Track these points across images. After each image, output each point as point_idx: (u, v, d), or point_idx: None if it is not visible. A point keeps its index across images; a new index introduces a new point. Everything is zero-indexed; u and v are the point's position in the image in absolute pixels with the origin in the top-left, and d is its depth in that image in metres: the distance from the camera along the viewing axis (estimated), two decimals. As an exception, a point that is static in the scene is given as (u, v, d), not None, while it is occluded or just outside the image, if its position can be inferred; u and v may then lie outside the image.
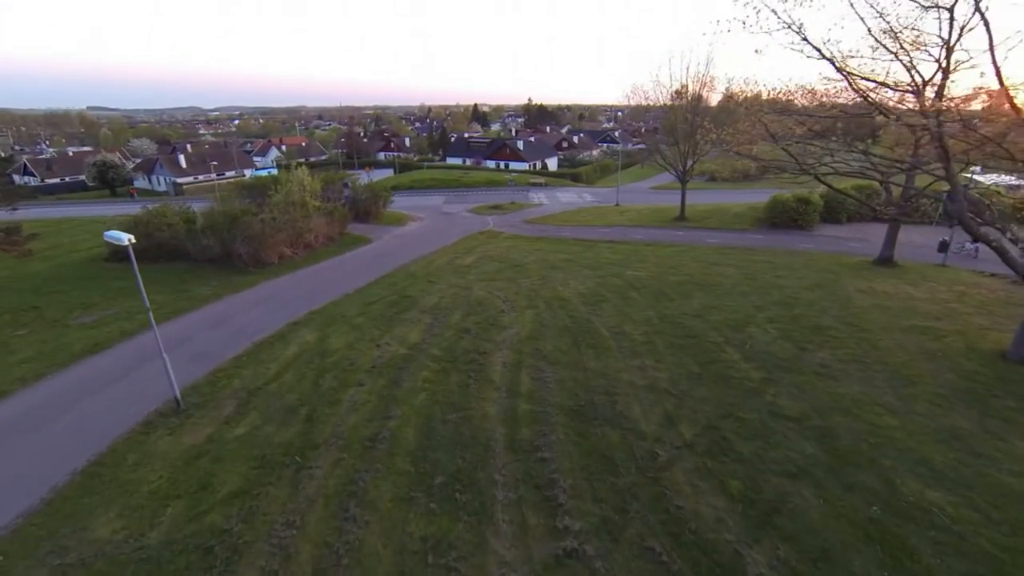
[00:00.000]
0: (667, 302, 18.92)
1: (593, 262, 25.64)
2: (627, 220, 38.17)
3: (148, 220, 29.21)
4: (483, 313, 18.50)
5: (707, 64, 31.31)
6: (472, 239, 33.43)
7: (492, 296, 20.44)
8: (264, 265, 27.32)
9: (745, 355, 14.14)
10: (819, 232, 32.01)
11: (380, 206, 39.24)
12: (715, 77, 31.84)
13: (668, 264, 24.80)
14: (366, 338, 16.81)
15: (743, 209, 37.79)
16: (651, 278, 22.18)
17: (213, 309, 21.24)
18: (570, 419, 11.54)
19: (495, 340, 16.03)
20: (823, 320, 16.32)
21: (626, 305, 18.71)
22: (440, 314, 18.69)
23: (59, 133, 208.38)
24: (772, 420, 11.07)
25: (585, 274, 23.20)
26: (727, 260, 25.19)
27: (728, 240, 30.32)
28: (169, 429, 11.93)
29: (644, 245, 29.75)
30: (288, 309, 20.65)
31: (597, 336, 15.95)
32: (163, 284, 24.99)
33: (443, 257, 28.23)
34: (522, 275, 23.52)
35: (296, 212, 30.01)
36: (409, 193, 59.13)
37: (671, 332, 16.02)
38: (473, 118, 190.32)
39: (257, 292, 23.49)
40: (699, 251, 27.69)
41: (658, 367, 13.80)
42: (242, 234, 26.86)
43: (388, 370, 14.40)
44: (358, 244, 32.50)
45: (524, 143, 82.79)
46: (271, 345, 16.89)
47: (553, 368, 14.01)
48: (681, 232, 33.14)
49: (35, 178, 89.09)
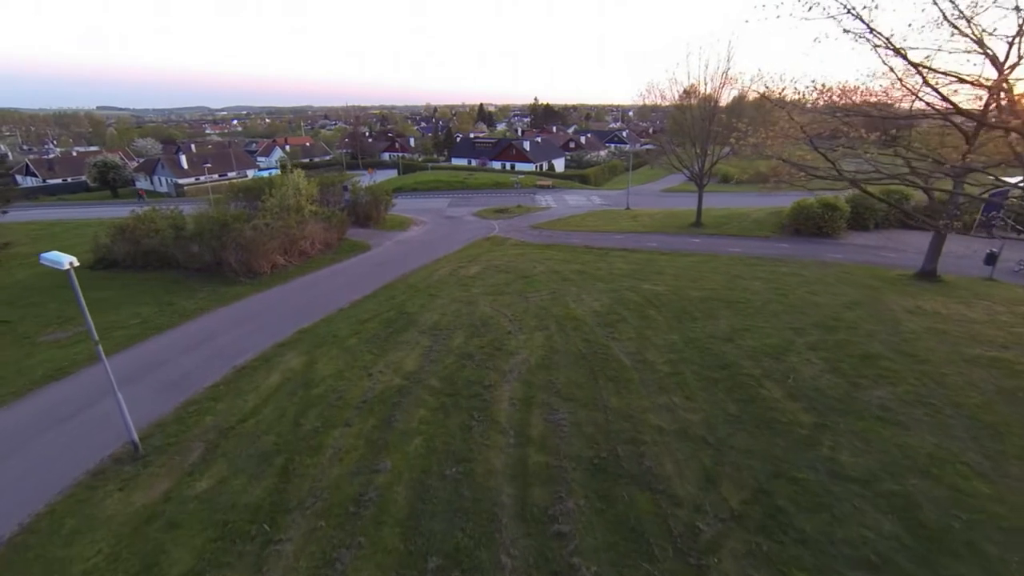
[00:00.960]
0: (691, 323, 17.06)
1: (606, 274, 23.80)
2: (640, 226, 36.27)
3: (135, 226, 27.68)
4: (488, 335, 16.73)
5: (728, 60, 29.18)
6: (477, 246, 31.69)
7: (498, 314, 18.67)
8: (256, 275, 25.72)
9: (789, 392, 12.27)
10: (847, 240, 29.99)
11: (381, 210, 37.61)
12: (736, 74, 29.91)
13: (688, 277, 22.91)
14: (357, 364, 15.08)
15: (763, 215, 35.79)
16: (671, 293, 20.31)
17: (197, 326, 19.60)
18: (590, 476, 9.74)
19: (502, 369, 14.25)
20: (872, 347, 14.41)
21: (646, 326, 16.87)
22: (441, 335, 16.94)
23: (67, 133, 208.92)
24: (834, 482, 9.22)
25: (599, 288, 21.37)
26: (752, 272, 23.26)
27: (751, 249, 28.38)
28: (121, 482, 10.24)
29: (660, 254, 27.87)
30: (276, 327, 18.98)
31: (616, 365, 14.13)
32: (148, 296, 23.45)
33: (446, 267, 26.50)
34: (531, 288, 21.73)
35: (291, 218, 28.39)
36: (412, 195, 57.55)
37: (699, 361, 14.17)
38: (479, 118, 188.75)
39: (246, 306, 21.85)
40: (720, 261, 25.77)
41: (689, 406, 11.97)
42: (232, 242, 25.25)
43: (380, 406, 12.66)
44: (357, 251, 30.83)
45: (531, 144, 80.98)
46: (253, 372, 15.19)
47: (568, 406, 12.21)
48: (698, 240, 31.22)
49: (37, 178, 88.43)
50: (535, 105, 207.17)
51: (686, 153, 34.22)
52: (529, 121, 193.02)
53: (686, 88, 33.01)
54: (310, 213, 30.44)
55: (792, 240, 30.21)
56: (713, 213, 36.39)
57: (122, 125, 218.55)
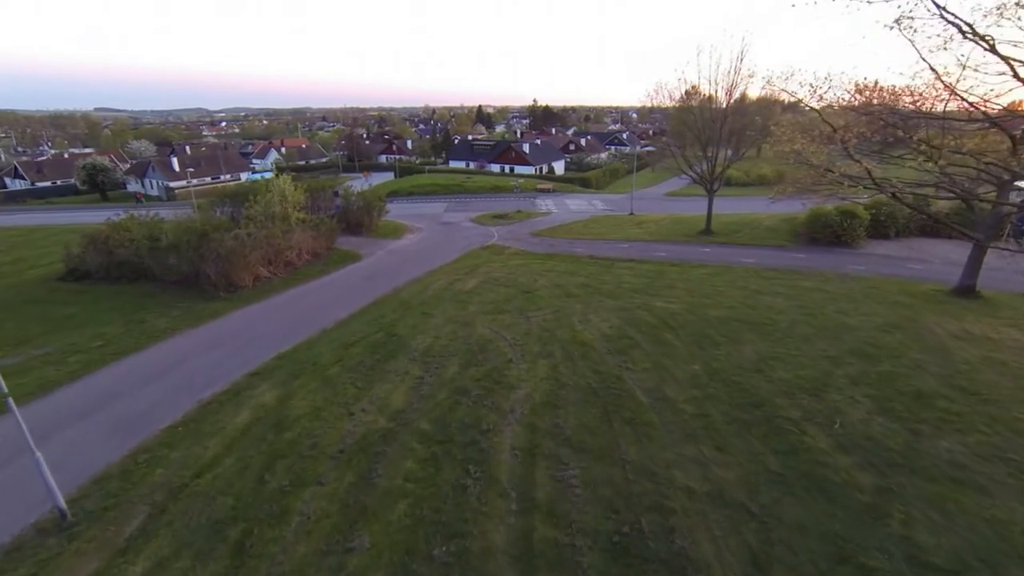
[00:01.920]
0: (713, 349, 15.28)
1: (614, 288, 22.03)
2: (646, 233, 34.51)
3: (108, 235, 25.85)
4: (486, 363, 14.94)
5: (740, 58, 27.50)
6: (474, 256, 29.91)
7: (497, 337, 16.88)
8: (237, 288, 23.91)
9: (838, 441, 10.50)
10: (867, 249, 28.28)
11: (374, 217, 35.82)
12: (751, 73, 28.20)
13: (703, 292, 21.16)
14: (338, 400, 13.28)
15: (775, 221, 34.06)
16: (686, 312, 18.55)
17: (165, 349, 17.79)
18: (610, 559, 7.96)
19: (501, 408, 12.46)
20: (925, 382, 12.65)
21: (663, 353, 15.09)
22: (433, 363, 15.14)
23: (63, 135, 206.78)
24: (916, 572, 7.44)
25: (607, 305, 19.59)
26: (772, 287, 21.52)
27: (766, 259, 26.63)
28: (38, 563, 8.43)
29: (670, 265, 26.11)
30: (252, 351, 17.18)
31: (633, 404, 12.35)
32: (117, 312, 21.62)
33: (441, 279, 24.71)
34: (532, 305, 19.95)
35: (276, 227, 26.57)
36: (408, 199, 55.77)
37: (727, 398, 12.39)
38: (477, 120, 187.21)
39: (223, 325, 20.03)
40: (735, 274, 24.02)
41: (722, 460, 10.19)
42: (211, 253, 23.44)
43: (360, 456, 10.86)
44: (347, 261, 29.03)
45: (530, 146, 79.23)
46: (219, 408, 13.39)
47: (579, 459, 10.43)
48: (709, 249, 29.47)
49: (25, 181, 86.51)
50: (534, 107, 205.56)
51: (695, 156, 32.45)
52: (528, 123, 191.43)
53: (695, 88, 31.31)
54: (297, 221, 28.64)
55: (809, 249, 28.47)
56: (723, 220, 34.62)
57: (118, 127, 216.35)
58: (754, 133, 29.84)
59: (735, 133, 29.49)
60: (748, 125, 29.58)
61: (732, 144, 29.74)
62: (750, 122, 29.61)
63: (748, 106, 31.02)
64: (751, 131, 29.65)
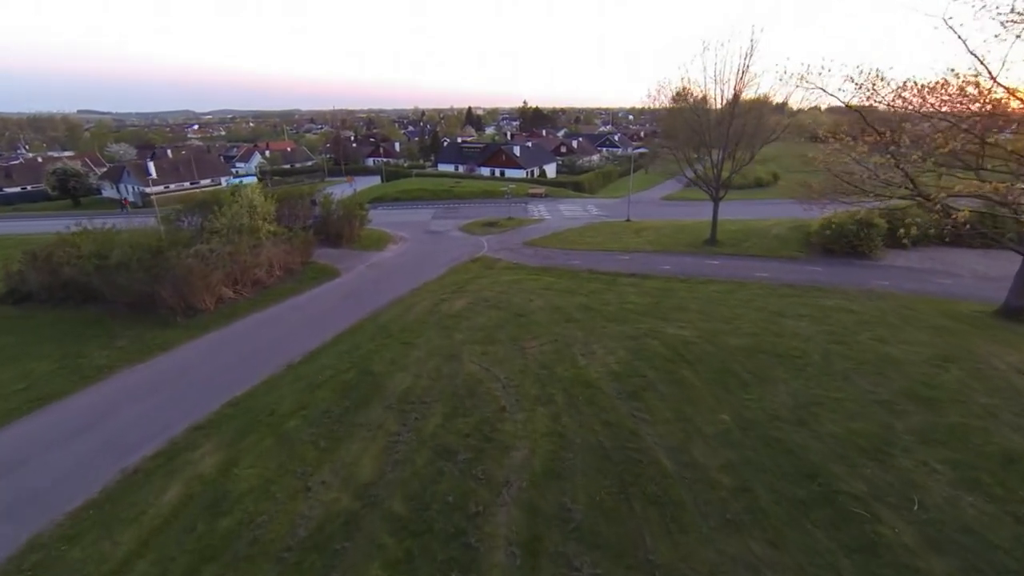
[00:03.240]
0: (741, 391, 13.04)
1: (618, 310, 19.76)
2: (647, 243, 32.33)
3: (51, 252, 23.10)
4: (475, 411, 12.57)
5: (750, 55, 25.43)
6: (463, 270, 27.51)
7: (488, 375, 14.51)
8: (196, 313, 21.32)
9: (925, 536, 8.25)
10: (886, 261, 26.30)
11: (355, 227, 33.29)
12: (761, 71, 26.25)
13: (718, 314, 18.95)
14: (294, 468, 10.83)
15: (784, 230, 32.04)
16: (703, 340, 16.30)
17: (99, 393, 15.21)
18: None
19: (494, 479, 10.10)
20: (1009, 440, 10.47)
21: (683, 397, 12.81)
22: (413, 411, 12.74)
23: (41, 137, 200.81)
24: None
25: (611, 332, 17.30)
26: (793, 307, 19.37)
27: (780, 273, 24.52)
28: None
29: (677, 281, 23.90)
30: (201, 395, 14.68)
31: (655, 472, 10.04)
32: (54, 344, 18.94)
33: (426, 299, 22.28)
34: (527, 333, 17.61)
35: (242, 241, 23.98)
36: (395, 206, 53.30)
37: (771, 464, 10.12)
38: (467, 121, 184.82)
39: (172, 361, 17.46)
40: (750, 291, 21.86)
41: (779, 561, 7.91)
42: (167, 273, 20.83)
43: (313, 557, 8.44)
44: (323, 278, 26.49)
45: (521, 148, 76.99)
46: (145, 480, 10.89)
47: (594, 558, 8.10)
48: (717, 262, 27.33)
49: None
50: (524, 108, 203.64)
51: (696, 160, 30.28)
52: (518, 124, 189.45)
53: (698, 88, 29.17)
54: (268, 234, 26.07)
55: (824, 262, 26.44)
56: (726, 227, 32.54)
57: (100, 129, 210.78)
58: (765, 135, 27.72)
59: (745, 135, 27.40)
60: (761, 126, 27.52)
61: (739, 147, 27.66)
62: (759, 123, 27.54)
63: (752, 106, 28.95)
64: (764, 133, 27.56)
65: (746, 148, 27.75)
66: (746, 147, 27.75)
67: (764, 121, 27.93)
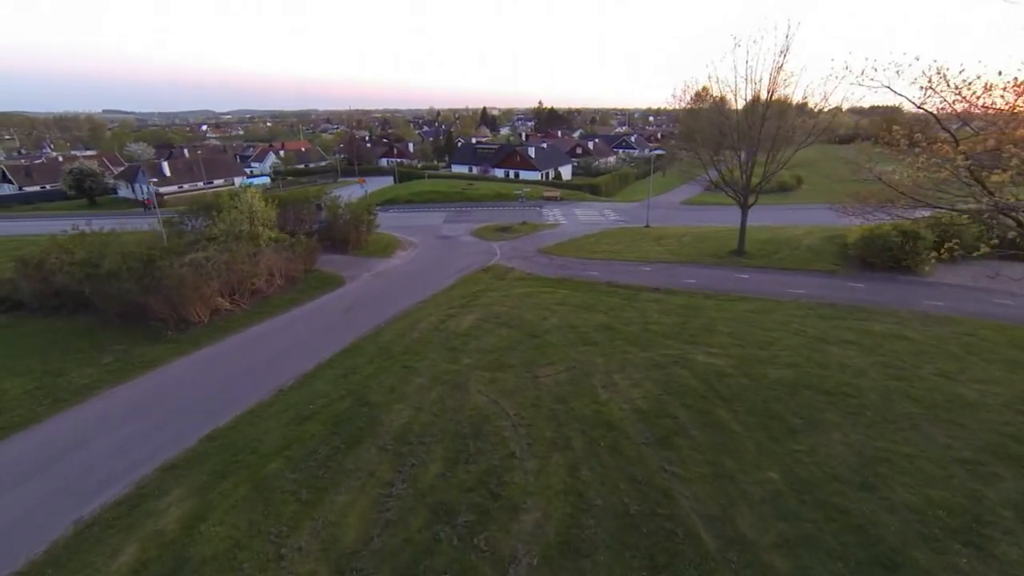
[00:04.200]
0: (788, 439, 11.23)
1: (640, 331, 18.00)
2: (668, 252, 30.42)
3: (41, 260, 22.09)
4: (481, 457, 10.98)
5: (785, 51, 23.43)
6: (473, 280, 25.95)
7: (497, 410, 12.91)
8: (189, 325, 20.09)
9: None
10: (935, 277, 24.05)
11: (362, 232, 31.95)
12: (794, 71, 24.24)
13: (752, 338, 17.09)
14: (268, 528, 9.34)
15: (816, 240, 29.89)
16: (738, 371, 14.49)
17: (71, 420, 13.96)
18: None
19: (500, 551, 8.49)
20: None
21: (721, 446, 11.06)
22: (410, 455, 11.20)
23: (66, 136, 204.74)
24: None
25: (635, 359, 15.56)
26: (837, 332, 17.40)
27: (818, 290, 22.47)
28: None
29: (704, 297, 22.01)
30: (181, 425, 13.34)
31: (694, 552, 8.32)
32: (37, 358, 17.84)
33: (432, 314, 20.76)
34: (541, 357, 15.97)
35: (240, 249, 22.71)
36: (406, 208, 52.07)
37: (836, 545, 8.33)
38: (482, 122, 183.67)
39: (156, 382, 16.19)
40: (786, 311, 19.91)
41: None
42: (159, 284, 19.64)
43: (275, 660, 6.90)
44: (326, 287, 25.15)
45: (536, 150, 75.26)
46: (100, 538, 9.49)
47: None
48: (747, 275, 25.34)
49: (13, 186, 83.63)
50: (539, 109, 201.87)
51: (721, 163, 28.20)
52: (533, 125, 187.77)
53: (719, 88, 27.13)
54: (268, 241, 24.80)
55: (865, 277, 24.28)
56: (754, 236, 30.44)
57: (123, 128, 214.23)
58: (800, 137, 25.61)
59: (780, 137, 25.37)
60: (798, 127, 25.47)
61: (774, 150, 25.61)
62: (794, 124, 25.48)
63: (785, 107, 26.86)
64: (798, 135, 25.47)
65: (782, 150, 25.66)
66: (781, 149, 25.67)
67: (800, 123, 25.87)
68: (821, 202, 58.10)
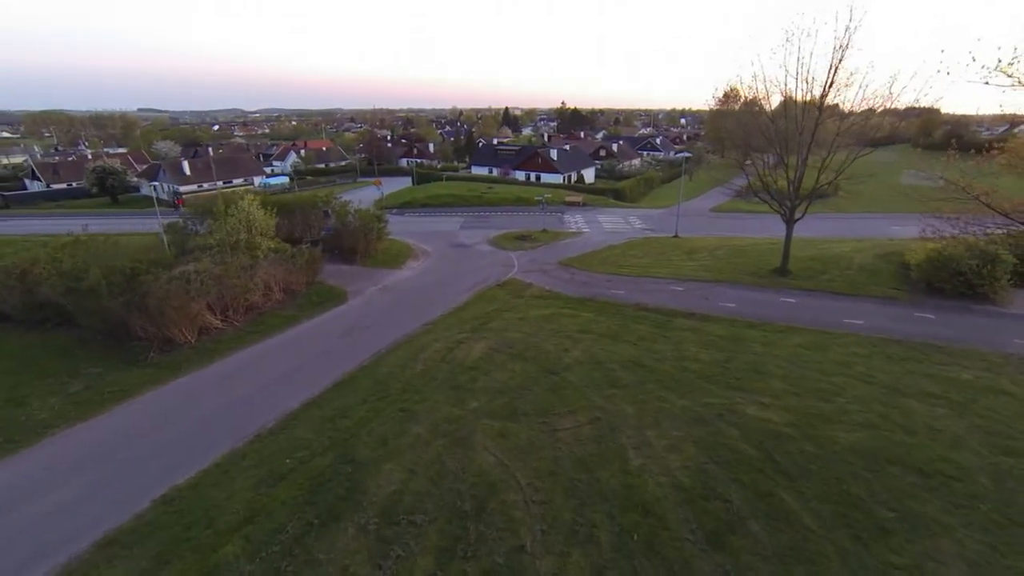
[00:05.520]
0: (880, 543, 8.67)
1: (676, 370, 15.49)
2: (702, 269, 27.65)
3: (24, 270, 20.66)
4: (483, 548, 8.73)
5: (845, 47, 20.52)
6: (488, 298, 23.71)
7: (506, 475, 10.64)
8: (174, 346, 18.36)
9: None
10: (1016, 307, 20.84)
11: (371, 241, 30.02)
12: (858, 68, 21.35)
13: (810, 384, 14.43)
14: (202, 654, 7.24)
15: (868, 258, 26.79)
16: (799, 432, 11.92)
17: (10, 472, 12.17)
18: None
19: None
20: None
21: (790, 551, 8.57)
22: (394, 545, 9.01)
23: (101, 134, 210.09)
24: None
25: (672, 410, 13.10)
26: (914, 379, 14.61)
27: (881, 321, 19.53)
28: None
29: (747, 326, 19.31)
30: (133, 482, 11.45)
31: None
32: (4, 381, 16.27)
33: (439, 340, 18.60)
34: (560, 403, 13.64)
35: (234, 261, 20.92)
36: (422, 211, 50.21)
37: None
38: (504, 122, 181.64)
39: (119, 421, 14.37)
40: (846, 346, 17.10)
41: None
42: (140, 301, 17.94)
43: None
44: (327, 303, 23.22)
45: (558, 152, 72.72)
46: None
47: None
48: (794, 300, 22.47)
49: (41, 183, 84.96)
50: (562, 109, 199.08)
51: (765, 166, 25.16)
52: (556, 125, 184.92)
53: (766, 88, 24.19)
54: (267, 252, 22.97)
55: (933, 305, 21.19)
56: (798, 252, 27.41)
57: (155, 127, 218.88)
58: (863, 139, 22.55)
59: (839, 139, 22.41)
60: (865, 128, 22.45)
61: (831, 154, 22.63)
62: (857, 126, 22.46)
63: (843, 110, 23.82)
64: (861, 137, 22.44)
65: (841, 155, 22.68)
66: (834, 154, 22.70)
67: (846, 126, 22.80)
68: (860, 211, 54.37)
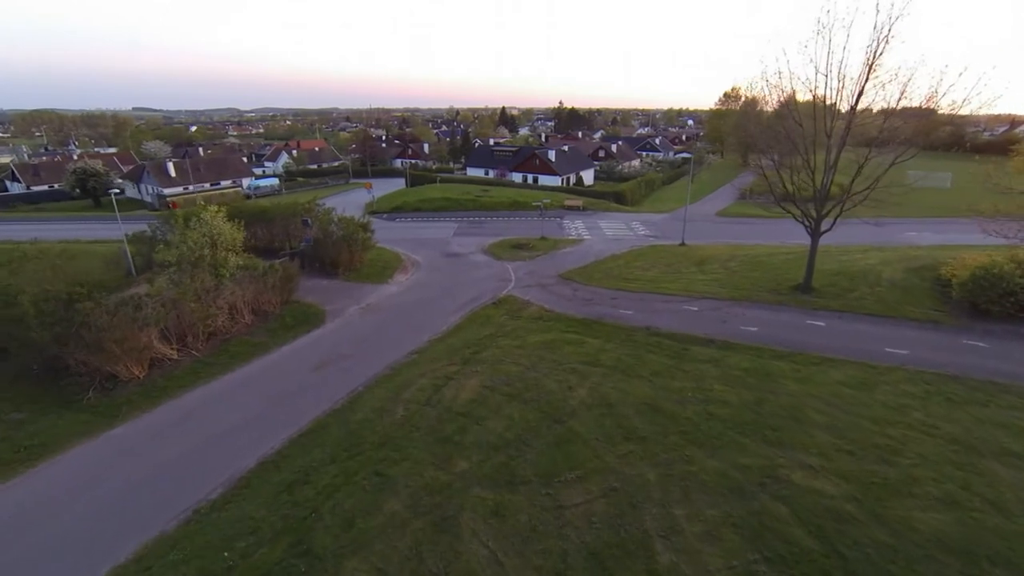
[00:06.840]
0: None
1: (701, 416, 13.14)
2: (716, 284, 25.31)
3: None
4: None
5: (885, 41, 18.22)
6: (481, 319, 21.30)
7: (499, 586, 8.25)
8: (118, 383, 15.89)
9: None
10: (1075, 332, 18.59)
11: (355, 252, 27.53)
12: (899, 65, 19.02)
13: (863, 435, 12.10)
14: None
15: (899, 273, 24.51)
16: (864, 512, 9.59)
17: None
18: None
19: None
20: None
21: None
22: None
23: (92, 134, 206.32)
24: None
25: (701, 476, 10.74)
26: (990, 431, 12.30)
27: (927, 351, 17.21)
28: None
29: (774, 356, 16.95)
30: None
31: None
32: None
33: (425, 374, 16.19)
34: (565, 462, 11.27)
35: (193, 283, 18.43)
36: (413, 216, 47.76)
37: None
38: (501, 122, 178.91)
39: (23, 491, 11.93)
40: (895, 383, 14.76)
41: None
42: (76, 334, 15.45)
43: None
44: (302, 327, 20.75)
45: (556, 153, 70.28)
46: None
47: None
48: (823, 323, 20.14)
49: (21, 184, 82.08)
50: (560, 108, 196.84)
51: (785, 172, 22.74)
52: (553, 125, 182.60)
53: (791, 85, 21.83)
54: (235, 269, 20.47)
55: (981, 329, 18.89)
56: (819, 266, 25.03)
57: (148, 126, 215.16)
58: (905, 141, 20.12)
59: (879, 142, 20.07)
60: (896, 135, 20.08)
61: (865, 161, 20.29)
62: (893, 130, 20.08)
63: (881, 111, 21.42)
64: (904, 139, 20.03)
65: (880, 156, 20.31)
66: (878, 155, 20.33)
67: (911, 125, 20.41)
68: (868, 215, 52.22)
